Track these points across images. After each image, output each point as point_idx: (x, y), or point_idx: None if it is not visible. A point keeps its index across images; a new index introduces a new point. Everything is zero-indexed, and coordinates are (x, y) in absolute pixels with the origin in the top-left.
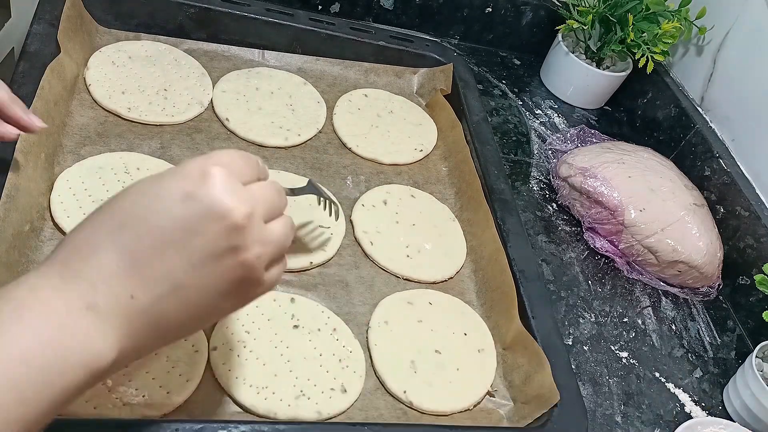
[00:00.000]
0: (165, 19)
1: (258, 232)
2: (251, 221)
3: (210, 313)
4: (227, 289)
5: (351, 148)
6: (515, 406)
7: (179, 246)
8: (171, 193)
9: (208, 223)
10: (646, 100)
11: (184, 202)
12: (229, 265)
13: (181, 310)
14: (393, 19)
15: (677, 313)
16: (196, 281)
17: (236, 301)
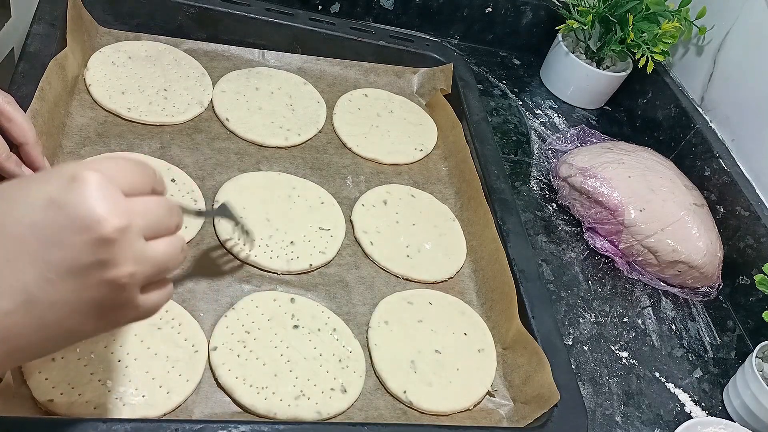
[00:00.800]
0: (165, 19)
1: (133, 249)
2: (124, 235)
3: (69, 334)
4: (89, 309)
5: (351, 148)
6: (515, 406)
7: (34, 257)
8: (33, 198)
9: (71, 233)
10: (646, 100)
11: (46, 208)
12: (92, 282)
13: (32, 328)
14: (393, 19)
15: (677, 313)
16: (51, 297)
17: (101, 324)
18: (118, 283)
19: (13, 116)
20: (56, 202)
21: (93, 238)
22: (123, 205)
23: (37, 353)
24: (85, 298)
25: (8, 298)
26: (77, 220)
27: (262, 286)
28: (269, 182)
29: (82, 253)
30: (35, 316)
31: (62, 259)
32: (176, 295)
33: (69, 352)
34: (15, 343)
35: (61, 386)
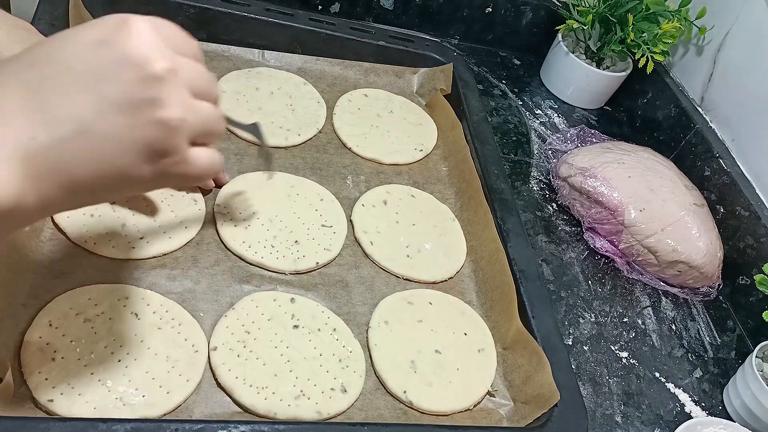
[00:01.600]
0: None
1: (181, 95)
2: (173, 77)
3: (122, 175)
4: (141, 149)
5: (351, 148)
6: (515, 406)
7: (87, 90)
8: (85, 38)
9: (124, 69)
10: (646, 100)
11: (97, 46)
12: (143, 120)
13: (87, 158)
14: (393, 19)
15: (677, 313)
16: (106, 128)
17: (153, 170)
18: (168, 124)
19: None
20: (107, 40)
21: (143, 75)
22: (170, 52)
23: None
24: (137, 136)
25: (63, 126)
26: (128, 57)
27: (262, 286)
28: (267, 182)
29: (134, 89)
30: (89, 147)
31: (114, 93)
32: (176, 295)
33: (69, 352)
34: (71, 175)
35: (61, 386)
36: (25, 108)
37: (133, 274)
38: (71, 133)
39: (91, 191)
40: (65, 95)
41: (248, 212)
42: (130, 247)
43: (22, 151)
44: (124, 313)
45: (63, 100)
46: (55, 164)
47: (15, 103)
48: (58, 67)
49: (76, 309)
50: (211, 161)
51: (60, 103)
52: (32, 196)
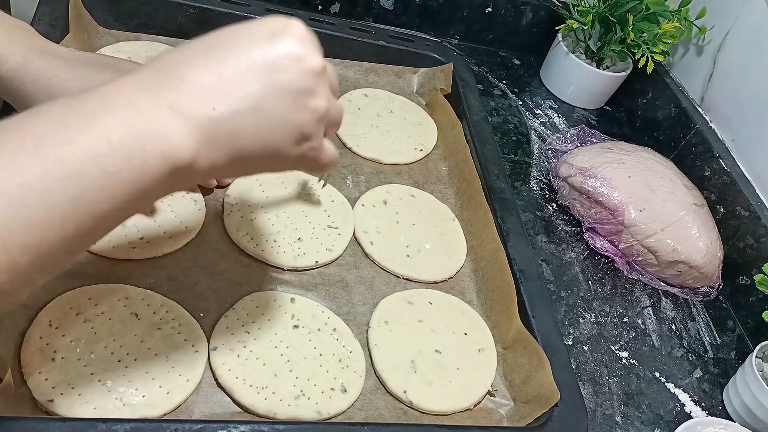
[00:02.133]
0: (165, 19)
1: (326, 89)
2: (325, 73)
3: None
4: (294, 129)
5: (351, 147)
6: (515, 405)
7: (263, 75)
8: (258, 31)
9: (291, 61)
10: (646, 100)
11: (270, 39)
12: (301, 105)
13: (254, 132)
14: (393, 19)
15: (677, 313)
16: (272, 109)
17: (298, 151)
18: (317, 111)
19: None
20: (278, 36)
21: (306, 68)
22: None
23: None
24: (294, 118)
25: (240, 102)
26: (295, 52)
27: (262, 286)
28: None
29: (299, 78)
30: (258, 123)
31: (282, 80)
32: (176, 295)
33: (69, 352)
34: (239, 145)
35: (61, 386)
36: (207, 83)
37: (133, 274)
38: (245, 108)
39: (249, 161)
40: (243, 76)
41: (257, 206)
42: (130, 247)
43: (205, 118)
44: (124, 313)
45: (241, 80)
46: (228, 133)
47: (198, 79)
48: (239, 53)
49: (76, 309)
50: (334, 153)
51: (238, 82)
52: (205, 158)
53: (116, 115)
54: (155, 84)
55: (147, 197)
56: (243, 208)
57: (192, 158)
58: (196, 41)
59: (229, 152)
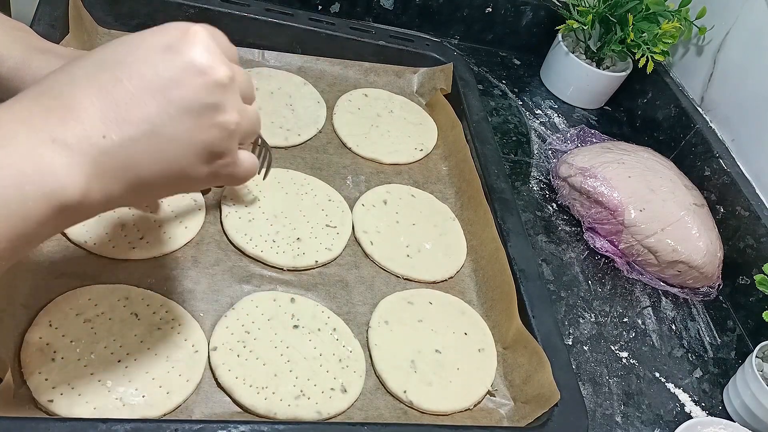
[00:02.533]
0: (165, 19)
1: (236, 100)
2: (232, 84)
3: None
4: (200, 151)
5: (351, 147)
6: (515, 405)
7: (158, 94)
8: (152, 44)
9: (190, 76)
10: (646, 100)
11: (166, 53)
12: (206, 123)
13: (153, 158)
14: (393, 19)
15: (677, 313)
16: (172, 131)
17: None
18: (227, 128)
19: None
20: (174, 48)
21: (208, 81)
22: (226, 60)
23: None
24: (199, 138)
25: (134, 127)
26: (195, 65)
27: (262, 286)
28: (278, 178)
29: (199, 94)
30: (156, 148)
31: (182, 98)
32: (176, 295)
33: (69, 352)
34: (136, 173)
35: (61, 386)
36: (97, 107)
37: (133, 274)
38: (141, 133)
39: (151, 188)
40: (136, 98)
41: (254, 206)
42: (130, 247)
43: (94, 148)
44: (124, 313)
45: (134, 102)
46: (122, 163)
47: (89, 102)
48: (130, 71)
49: (76, 309)
50: (252, 163)
51: (131, 105)
52: (97, 192)
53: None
54: (37, 114)
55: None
56: (241, 209)
57: (81, 194)
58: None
59: (126, 182)
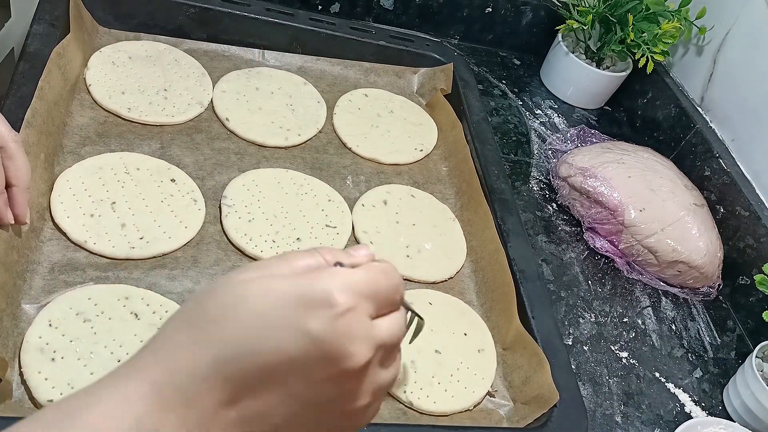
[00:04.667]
0: (165, 19)
1: (371, 380)
2: (370, 368)
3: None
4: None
5: (351, 148)
6: (515, 406)
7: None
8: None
9: (322, 367)
10: (646, 100)
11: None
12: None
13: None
14: (393, 19)
15: (677, 313)
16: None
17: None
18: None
19: (15, 155)
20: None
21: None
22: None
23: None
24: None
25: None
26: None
27: None
28: (278, 179)
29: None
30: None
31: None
32: (176, 295)
33: (69, 353)
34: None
35: (60, 386)
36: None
37: (133, 274)
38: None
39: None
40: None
41: (254, 206)
42: (130, 247)
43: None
44: (124, 313)
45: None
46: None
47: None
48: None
49: (76, 309)
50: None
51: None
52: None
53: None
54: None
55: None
56: (240, 209)
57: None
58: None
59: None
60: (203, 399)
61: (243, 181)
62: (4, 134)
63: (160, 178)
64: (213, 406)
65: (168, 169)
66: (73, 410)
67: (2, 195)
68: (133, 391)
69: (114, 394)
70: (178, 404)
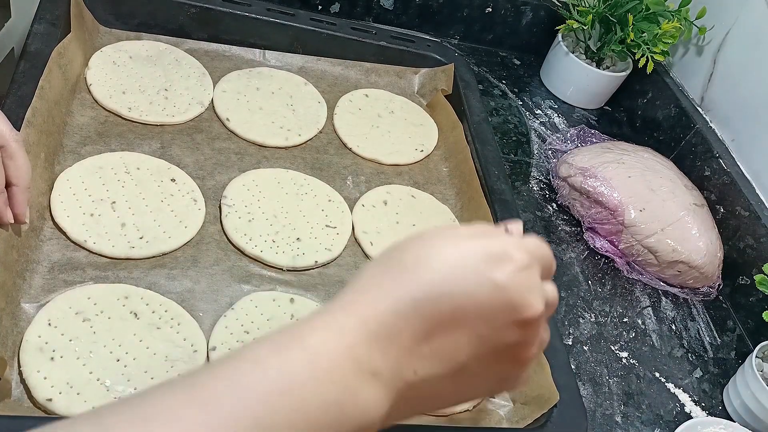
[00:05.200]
0: (166, 18)
1: (540, 330)
2: (541, 319)
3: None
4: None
5: (351, 148)
6: (515, 406)
7: (471, 330)
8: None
9: (505, 313)
10: (646, 100)
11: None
12: (508, 359)
13: (451, 392)
14: (393, 19)
15: (677, 313)
16: (475, 369)
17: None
18: (524, 363)
19: (15, 154)
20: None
21: (519, 319)
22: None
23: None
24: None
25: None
26: (513, 303)
27: (261, 286)
28: (278, 179)
29: (510, 332)
30: (456, 384)
31: (492, 336)
32: (175, 295)
33: (68, 352)
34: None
35: (59, 386)
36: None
37: (132, 274)
38: (447, 371)
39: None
40: (451, 333)
41: (254, 206)
42: (130, 246)
43: (403, 383)
44: (124, 312)
45: (448, 338)
46: (424, 395)
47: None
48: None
49: (76, 308)
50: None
51: (445, 341)
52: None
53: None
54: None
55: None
56: (240, 209)
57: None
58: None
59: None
60: (402, 334)
61: (243, 181)
62: (5, 133)
63: (160, 177)
64: (410, 340)
65: (168, 169)
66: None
67: (2, 194)
68: (344, 323)
69: (327, 327)
70: (382, 337)
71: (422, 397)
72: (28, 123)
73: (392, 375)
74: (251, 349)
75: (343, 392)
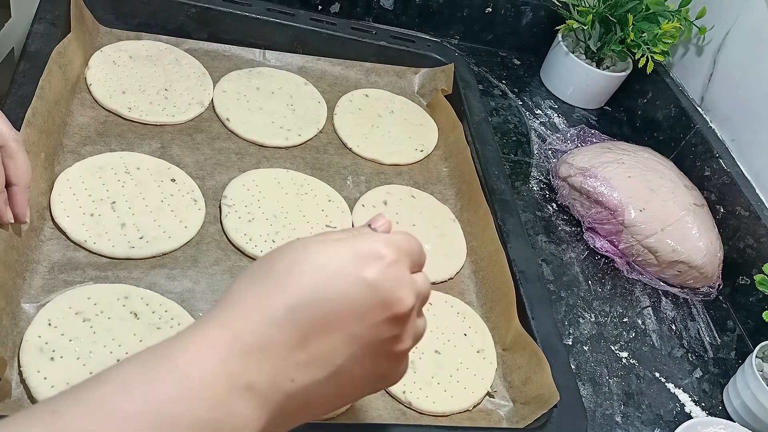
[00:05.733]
0: (166, 18)
1: (414, 326)
2: (413, 312)
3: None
4: (374, 381)
5: (351, 148)
6: (515, 406)
7: (346, 331)
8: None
9: (378, 310)
10: (646, 100)
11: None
12: (384, 355)
13: (332, 395)
14: (393, 19)
15: (677, 313)
16: (353, 369)
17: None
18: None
19: (15, 154)
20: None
21: (391, 314)
22: (413, 283)
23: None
24: (375, 372)
25: (320, 370)
26: (384, 300)
27: None
28: (278, 179)
29: (383, 328)
30: (335, 386)
31: (366, 333)
32: (175, 295)
33: (68, 352)
34: (313, 410)
35: (59, 385)
36: (290, 350)
37: (132, 274)
38: (325, 375)
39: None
40: (324, 335)
41: (254, 206)
42: (130, 246)
43: (281, 394)
44: (124, 312)
45: (322, 341)
46: (303, 402)
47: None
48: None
49: (76, 308)
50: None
51: (320, 343)
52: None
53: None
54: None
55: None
56: (240, 209)
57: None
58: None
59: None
60: (277, 343)
61: (243, 181)
62: (5, 133)
63: (160, 177)
64: (285, 349)
65: (168, 169)
66: (165, 355)
67: (2, 194)
68: (216, 338)
69: (200, 342)
70: (256, 349)
71: (303, 404)
72: (28, 123)
73: (269, 386)
74: (117, 370)
75: (216, 410)
